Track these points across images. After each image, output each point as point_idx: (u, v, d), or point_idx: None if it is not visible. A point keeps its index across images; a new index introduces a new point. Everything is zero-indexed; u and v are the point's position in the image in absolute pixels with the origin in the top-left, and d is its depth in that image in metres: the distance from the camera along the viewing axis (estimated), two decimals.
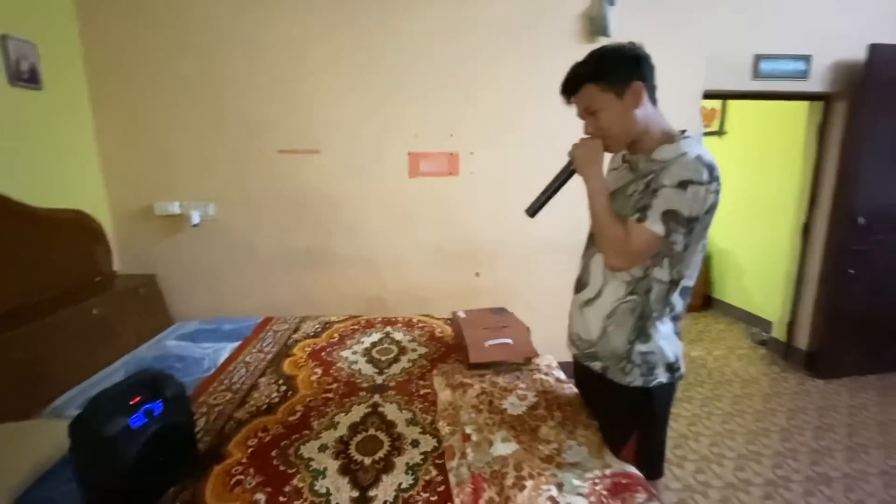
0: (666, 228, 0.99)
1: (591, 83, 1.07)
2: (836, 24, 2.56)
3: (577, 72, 1.10)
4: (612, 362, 1.14)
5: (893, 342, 2.85)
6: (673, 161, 1.01)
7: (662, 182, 0.99)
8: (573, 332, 1.26)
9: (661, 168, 1.02)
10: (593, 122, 1.11)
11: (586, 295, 1.20)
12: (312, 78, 2.32)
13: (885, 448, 2.17)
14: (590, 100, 1.08)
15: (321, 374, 1.68)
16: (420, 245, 2.56)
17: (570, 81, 1.11)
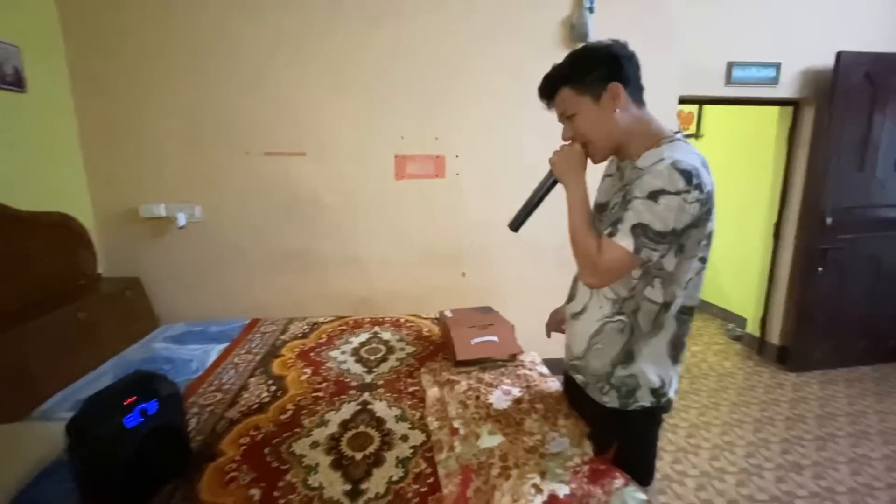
0: (636, 244, 0.90)
1: (565, 86, 1.02)
2: (805, 32, 2.68)
3: (552, 74, 1.05)
4: (592, 380, 1.11)
5: (860, 337, 3.00)
6: (649, 167, 0.92)
7: (634, 194, 0.91)
8: (567, 341, 1.22)
9: (640, 172, 0.94)
10: (571, 127, 1.05)
11: (573, 308, 1.16)
12: (299, 80, 2.34)
13: (852, 437, 2.29)
14: (565, 104, 1.03)
15: (310, 373, 1.71)
16: (407, 246, 2.60)
17: (546, 85, 1.06)
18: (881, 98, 2.67)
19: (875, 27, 2.74)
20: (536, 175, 1.50)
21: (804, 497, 1.87)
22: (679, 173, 0.87)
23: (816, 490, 1.91)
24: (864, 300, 2.93)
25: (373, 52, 2.36)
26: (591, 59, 1.00)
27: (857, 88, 2.64)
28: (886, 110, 2.70)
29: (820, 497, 1.87)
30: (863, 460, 2.10)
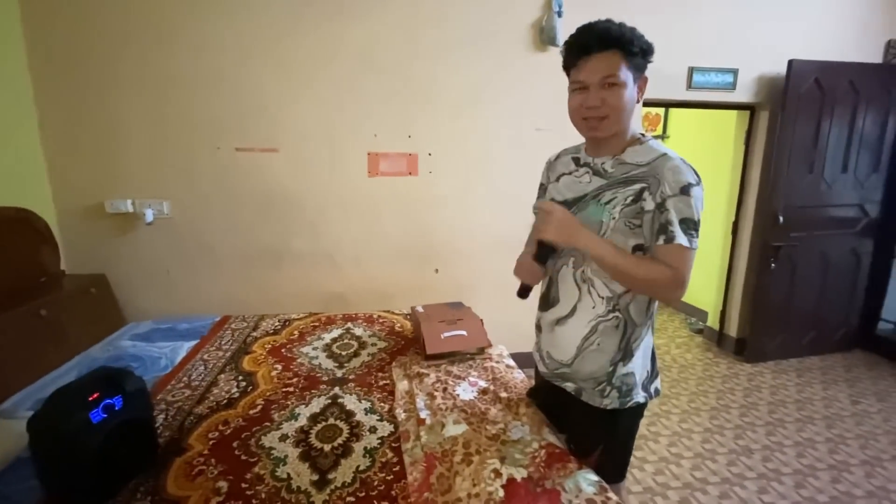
0: (688, 239, 0.92)
1: (621, 50, 0.94)
2: (759, 40, 2.82)
3: (614, 31, 0.94)
4: (590, 385, 1.07)
5: (810, 329, 3.18)
6: (654, 164, 0.95)
7: (669, 192, 0.92)
8: (542, 349, 1.18)
9: (644, 171, 0.96)
10: (603, 97, 0.95)
11: (557, 313, 1.10)
12: (271, 76, 2.33)
13: (799, 422, 2.44)
14: (614, 68, 0.94)
15: (281, 369, 1.72)
16: (380, 243, 2.63)
17: (603, 38, 0.94)
18: (829, 104, 2.84)
19: (824, 37, 2.91)
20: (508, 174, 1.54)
21: (753, 478, 1.99)
22: (690, 167, 0.95)
23: (764, 472, 2.03)
24: (812, 295, 3.11)
25: (346, 49, 2.37)
26: (645, 41, 0.96)
27: (808, 95, 2.80)
28: (834, 116, 2.87)
29: (767, 478, 1.99)
30: (807, 444, 2.25)
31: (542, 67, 2.58)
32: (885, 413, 2.53)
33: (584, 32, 0.96)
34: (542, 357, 1.19)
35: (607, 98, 0.95)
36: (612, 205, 0.98)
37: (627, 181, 0.98)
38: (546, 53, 2.57)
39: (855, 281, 3.19)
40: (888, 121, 2.97)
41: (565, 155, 1.20)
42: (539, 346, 1.21)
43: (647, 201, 0.96)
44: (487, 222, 2.72)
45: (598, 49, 0.94)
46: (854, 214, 3.08)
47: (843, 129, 2.91)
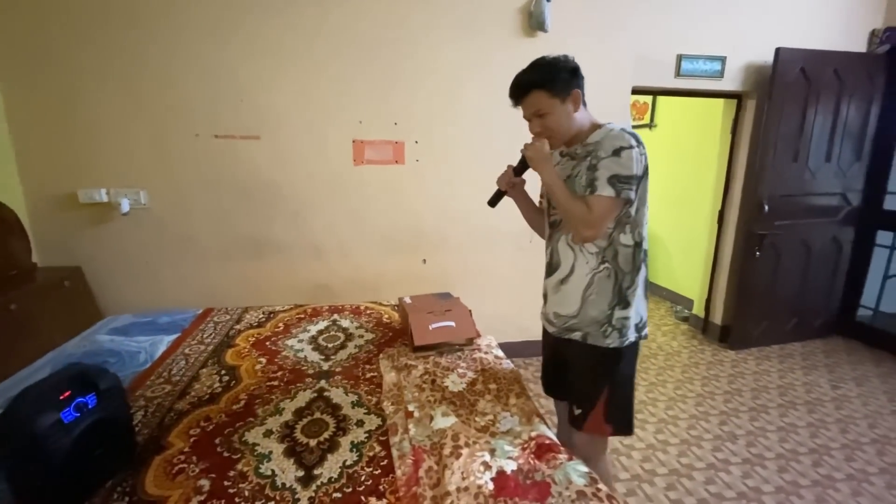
0: (615, 190, 1.14)
1: (539, 90, 1.21)
2: (748, 28, 2.82)
3: (526, 79, 1.22)
4: (594, 328, 1.27)
5: (792, 316, 3.24)
6: (601, 136, 1.20)
7: (599, 155, 1.17)
8: (549, 311, 1.37)
9: (593, 147, 1.20)
10: (540, 123, 1.25)
11: (560, 275, 1.31)
12: (251, 61, 2.25)
13: (781, 408, 2.49)
14: (538, 104, 1.22)
15: (266, 363, 1.68)
16: (367, 232, 2.59)
17: (520, 87, 1.23)
18: (814, 93, 2.86)
19: (811, 25, 2.91)
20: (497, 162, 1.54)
21: (737, 463, 2.02)
22: (629, 134, 1.17)
23: (748, 457, 2.07)
24: (795, 282, 3.16)
25: (328, 34, 2.30)
26: (560, 70, 1.21)
27: (794, 83, 2.81)
28: (819, 105, 2.89)
29: (751, 463, 2.03)
30: (790, 428, 2.29)
31: (532, 53, 2.50)
32: (864, 398, 2.59)
33: (512, 85, 1.25)
34: (549, 320, 1.38)
35: (544, 123, 1.24)
36: (579, 177, 1.23)
37: (586, 155, 1.23)
38: (535, 39, 2.53)
39: (836, 268, 3.25)
40: (871, 110, 3.01)
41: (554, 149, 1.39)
42: (546, 311, 1.40)
43: (591, 162, 1.20)
44: (476, 212, 2.69)
45: (521, 96, 1.24)
46: (836, 203, 3.13)
47: (828, 117, 2.94)
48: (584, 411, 1.31)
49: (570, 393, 1.39)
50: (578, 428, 1.33)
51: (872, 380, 2.79)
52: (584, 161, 1.21)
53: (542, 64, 1.23)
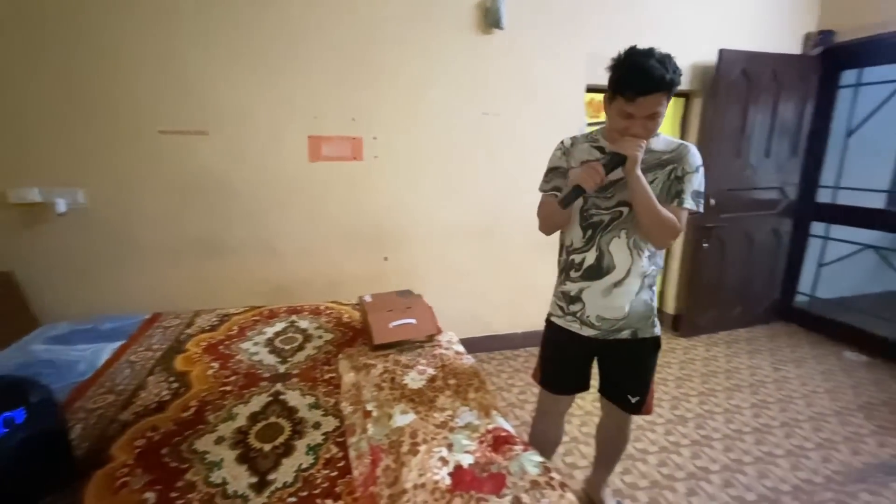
0: (695, 204, 1.23)
1: (666, 92, 1.11)
2: (694, 30, 2.94)
3: (666, 77, 1.09)
4: (643, 323, 1.34)
5: (737, 303, 3.43)
6: (680, 150, 1.24)
7: (686, 169, 1.22)
8: (590, 315, 1.35)
9: (673, 156, 1.24)
10: (648, 126, 1.16)
11: (614, 278, 1.30)
12: (198, 53, 2.15)
13: (728, 391, 2.63)
14: (659, 105, 1.13)
15: (218, 367, 1.62)
16: (326, 230, 2.53)
17: (659, 83, 1.09)
18: (754, 92, 3.02)
19: (751, 28, 3.07)
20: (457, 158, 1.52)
21: (687, 445, 2.12)
22: (699, 154, 1.25)
23: (697, 438, 2.18)
24: (740, 272, 3.34)
25: (279, 26, 2.23)
26: (680, 73, 1.14)
27: (736, 83, 2.97)
28: (759, 103, 3.06)
29: (699, 444, 2.13)
30: (735, 410, 2.43)
31: (488, 50, 2.56)
32: (802, 378, 2.78)
33: (641, 74, 1.10)
34: (589, 323, 1.36)
35: (649, 126, 1.17)
36: (655, 184, 1.23)
37: (661, 164, 1.25)
38: (491, 36, 2.54)
39: (776, 258, 3.46)
40: (805, 108, 3.21)
41: (582, 142, 1.35)
42: (582, 314, 1.37)
43: (672, 175, 1.24)
44: (437, 208, 2.69)
45: (650, 92, 1.11)
46: (775, 196, 3.33)
47: (767, 115, 3.12)
48: (642, 397, 1.43)
49: (623, 386, 1.46)
50: (638, 413, 1.47)
51: (809, 361, 3.00)
52: (661, 169, 1.23)
53: (669, 60, 1.11)
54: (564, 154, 1.36)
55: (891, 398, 2.55)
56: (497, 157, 2.72)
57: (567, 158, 1.36)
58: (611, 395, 1.52)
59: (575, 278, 1.36)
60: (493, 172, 2.73)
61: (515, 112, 2.69)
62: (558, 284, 1.45)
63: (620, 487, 1.86)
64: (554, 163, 1.39)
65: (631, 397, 1.45)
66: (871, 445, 2.15)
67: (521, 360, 2.95)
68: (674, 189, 1.23)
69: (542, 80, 2.68)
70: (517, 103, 2.68)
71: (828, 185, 3.36)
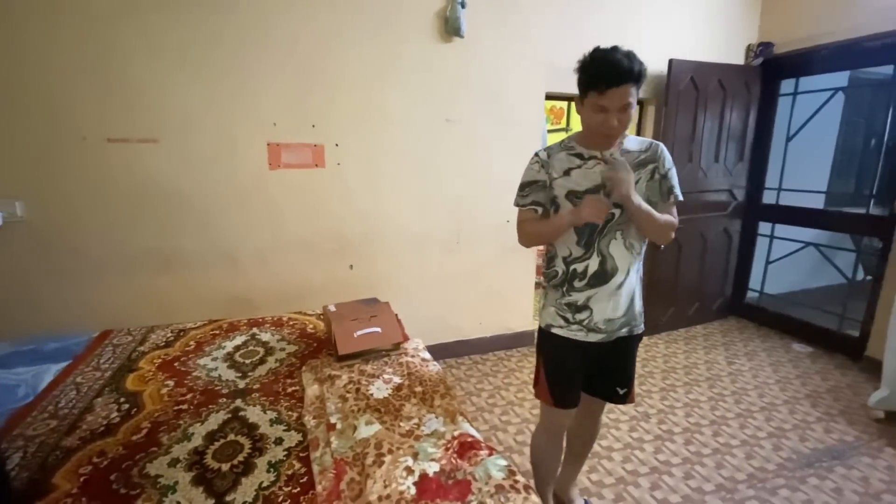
0: (680, 195, 1.34)
1: (636, 84, 1.16)
2: (646, 40, 3.06)
3: (635, 68, 1.14)
4: (636, 320, 1.41)
5: (694, 301, 3.57)
6: (655, 148, 1.31)
7: (667, 166, 1.30)
8: (597, 321, 1.35)
9: (649, 154, 1.30)
10: (620, 118, 1.19)
11: (618, 279, 1.33)
12: (146, 57, 2.06)
13: (687, 385, 2.73)
14: (630, 96, 1.17)
15: (174, 385, 1.55)
16: (288, 239, 2.48)
17: (628, 73, 1.13)
18: (703, 100, 3.18)
19: (698, 39, 3.23)
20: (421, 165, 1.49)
21: (650, 441, 2.19)
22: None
23: (659, 433, 2.25)
24: (695, 270, 3.49)
25: (235, 30, 2.17)
26: (645, 68, 1.18)
27: (685, 91, 3.11)
28: (707, 111, 3.22)
29: (661, 439, 2.20)
30: (694, 404, 2.53)
31: (449, 58, 2.58)
32: (754, 370, 2.92)
33: (609, 67, 1.15)
34: (595, 329, 1.36)
35: (622, 118, 1.20)
36: (640, 183, 1.29)
37: (641, 163, 1.30)
38: (452, 44, 2.57)
39: (728, 257, 3.64)
40: (749, 115, 3.40)
41: (558, 152, 1.35)
42: (589, 322, 1.36)
43: (656, 174, 1.31)
44: (402, 214, 2.68)
45: (622, 82, 1.15)
46: (725, 199, 3.50)
47: (715, 122, 3.28)
48: (628, 388, 1.50)
49: (613, 380, 1.50)
50: (624, 402, 1.53)
51: (760, 354, 3.16)
52: (643, 168, 1.29)
53: (634, 55, 1.16)
54: (543, 167, 1.34)
55: (834, 386, 2.72)
56: (461, 162, 2.74)
57: (546, 170, 1.33)
58: (599, 391, 1.54)
59: (581, 287, 1.34)
60: (458, 178, 2.75)
61: (478, 118, 2.72)
62: (559, 297, 1.39)
63: (587, 486, 1.90)
64: (532, 176, 1.36)
65: (620, 389, 1.50)
66: (817, 432, 2.28)
67: (489, 365, 2.96)
68: (664, 187, 1.32)
69: (503, 87, 2.72)
70: (480, 110, 2.71)
71: (772, 188, 3.56)
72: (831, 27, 2.94)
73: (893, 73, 2.99)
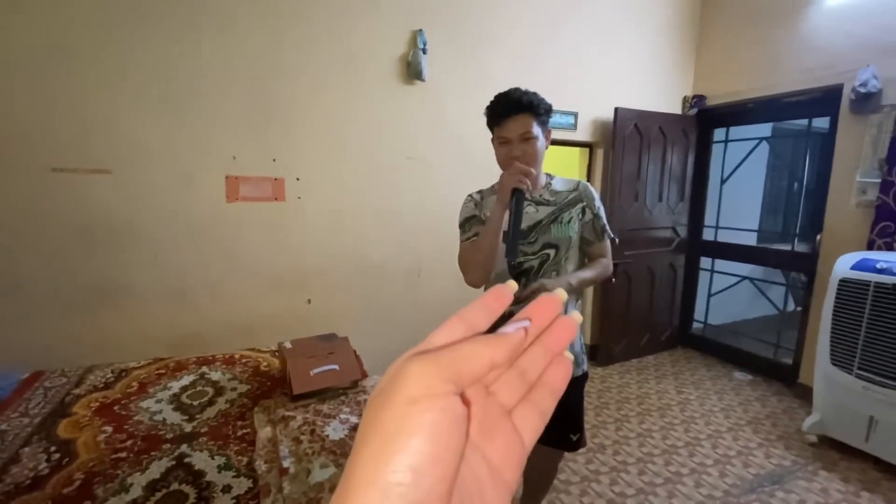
0: (612, 233, 1.40)
1: (529, 113, 1.22)
2: (594, 89, 3.31)
3: (525, 99, 1.21)
4: (579, 359, 1.40)
5: (645, 332, 3.74)
6: (581, 187, 1.37)
7: (596, 205, 1.36)
8: None
9: (577, 194, 1.35)
10: (524, 149, 1.24)
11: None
12: (99, 85, 2.02)
13: (640, 416, 2.82)
14: (527, 126, 1.22)
15: (112, 431, 1.45)
16: (244, 273, 2.42)
17: (518, 104, 1.21)
18: (646, 144, 3.44)
19: (640, 90, 3.52)
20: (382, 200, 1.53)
21: (606, 472, 2.23)
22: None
23: (615, 465, 2.30)
24: (645, 303, 3.67)
25: (196, 63, 2.17)
26: (546, 103, 1.26)
27: (630, 136, 3.36)
28: (650, 154, 3.48)
29: (617, 470, 2.25)
30: (646, 434, 2.61)
31: (412, 99, 2.68)
32: (701, 399, 3.06)
33: (503, 100, 1.23)
34: None
35: (524, 148, 1.24)
36: (572, 223, 1.34)
37: (571, 203, 1.35)
38: (415, 86, 2.68)
39: (674, 290, 3.86)
40: (687, 159, 3.70)
41: (488, 195, 1.43)
42: None
43: (587, 213, 1.36)
44: (363, 248, 2.69)
45: (515, 112, 1.22)
46: (669, 235, 3.74)
47: (658, 165, 3.55)
48: (581, 433, 1.49)
49: (563, 426, 1.46)
50: (577, 449, 1.51)
51: (706, 382, 3.32)
52: (573, 207, 1.34)
53: (530, 91, 1.24)
54: (476, 205, 1.42)
55: (772, 412, 2.89)
56: (422, 198, 2.80)
57: (479, 210, 1.41)
58: (550, 440, 1.46)
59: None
60: (418, 213, 2.81)
61: (438, 157, 2.81)
62: None
63: None
64: (469, 212, 1.42)
65: (572, 436, 1.47)
66: (759, 457, 2.40)
67: None
68: (597, 226, 1.37)
69: (461, 128, 2.84)
70: (440, 149, 2.81)
71: (711, 225, 3.85)
72: (754, 84, 3.29)
73: (808, 126, 3.37)
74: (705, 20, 3.64)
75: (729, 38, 3.47)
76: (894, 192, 2.49)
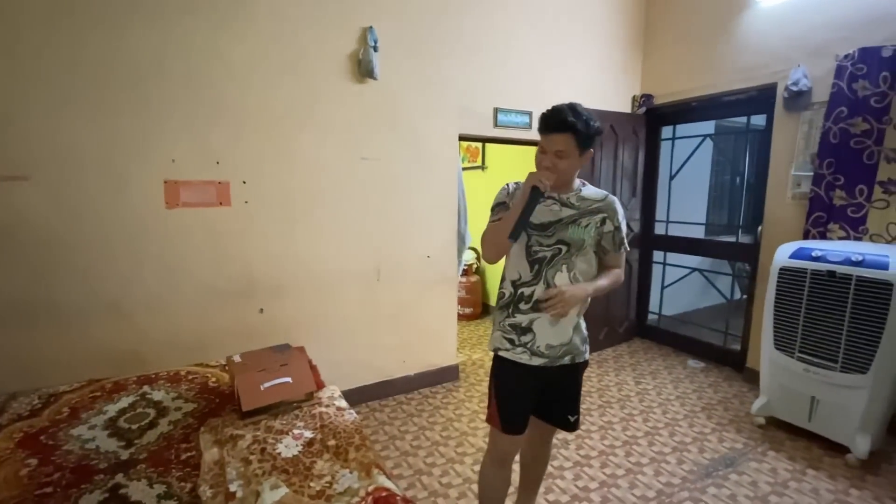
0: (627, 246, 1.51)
1: (573, 135, 1.30)
2: (548, 88, 3.35)
3: (568, 121, 1.29)
4: (581, 348, 1.49)
5: (603, 325, 3.82)
6: (608, 201, 1.45)
7: (619, 220, 1.44)
8: (539, 344, 1.45)
9: (602, 205, 1.43)
10: (555, 162, 1.34)
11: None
12: (13, 81, 1.84)
13: (601, 408, 2.87)
14: (565, 145, 1.32)
15: (37, 464, 1.32)
16: (186, 284, 2.27)
17: (563, 124, 1.30)
18: (598, 143, 3.52)
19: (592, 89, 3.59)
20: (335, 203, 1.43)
21: (569, 468, 2.25)
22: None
23: (578, 459, 2.32)
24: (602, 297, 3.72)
25: (126, 57, 2.02)
26: (592, 127, 1.33)
27: (607, 135, 3.45)
28: (603, 152, 3.57)
29: (580, 465, 2.28)
30: (608, 426, 2.66)
31: (364, 98, 2.61)
32: (658, 388, 3.16)
33: (554, 114, 1.32)
34: (538, 352, 1.45)
35: (557, 163, 1.35)
36: (589, 228, 1.42)
37: (593, 211, 1.43)
38: (366, 85, 2.61)
39: (630, 283, 3.97)
40: (638, 156, 3.82)
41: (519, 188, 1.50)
42: (532, 345, 1.45)
43: (607, 225, 1.44)
44: (317, 253, 2.60)
45: (559, 131, 1.32)
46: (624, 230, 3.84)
47: (610, 162, 3.64)
48: (577, 415, 1.59)
49: (563, 408, 1.57)
50: (575, 429, 1.62)
51: (662, 372, 3.43)
52: (594, 216, 1.42)
53: (584, 117, 1.31)
54: (508, 194, 1.52)
55: (724, 398, 3.02)
56: (379, 199, 2.74)
57: (510, 198, 1.50)
58: (550, 418, 1.61)
59: (525, 310, 1.45)
60: (376, 215, 2.74)
61: (395, 156, 2.76)
62: (504, 317, 1.50)
63: None
64: (501, 198, 1.53)
65: (570, 417, 1.58)
66: (713, 442, 2.49)
67: (414, 404, 2.90)
68: (616, 238, 1.46)
69: (418, 127, 2.80)
70: (396, 149, 2.75)
71: (662, 220, 3.99)
72: (697, 84, 3.44)
73: (747, 123, 3.55)
74: (651, 22, 3.77)
75: (673, 39, 3.60)
76: (826, 185, 2.66)
